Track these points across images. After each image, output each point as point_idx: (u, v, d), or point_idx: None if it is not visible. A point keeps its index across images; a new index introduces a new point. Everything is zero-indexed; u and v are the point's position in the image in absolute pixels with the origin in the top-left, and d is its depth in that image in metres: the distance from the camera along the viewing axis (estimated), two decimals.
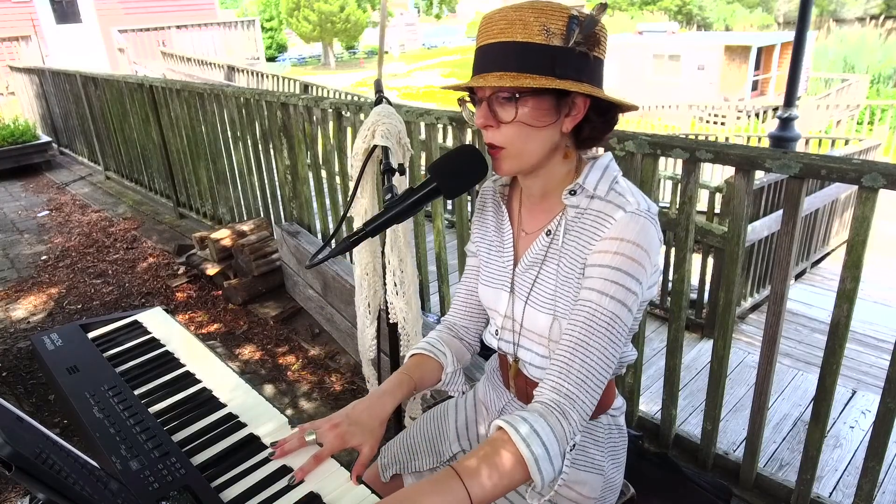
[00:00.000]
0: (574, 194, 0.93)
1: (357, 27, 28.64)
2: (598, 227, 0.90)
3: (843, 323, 1.48)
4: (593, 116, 0.89)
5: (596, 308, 0.86)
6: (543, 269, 0.97)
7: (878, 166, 1.35)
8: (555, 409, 0.83)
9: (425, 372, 1.09)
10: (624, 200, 0.89)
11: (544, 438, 0.79)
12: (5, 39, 10.60)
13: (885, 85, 19.20)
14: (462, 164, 1.01)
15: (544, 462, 0.78)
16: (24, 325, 3.39)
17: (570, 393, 0.84)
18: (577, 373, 0.85)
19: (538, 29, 0.82)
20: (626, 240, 0.87)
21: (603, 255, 0.88)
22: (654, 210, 0.90)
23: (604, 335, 0.86)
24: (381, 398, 1.01)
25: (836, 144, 7.38)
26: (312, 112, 3.02)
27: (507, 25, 0.84)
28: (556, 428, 0.81)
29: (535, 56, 0.83)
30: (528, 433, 0.79)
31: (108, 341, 1.28)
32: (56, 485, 0.64)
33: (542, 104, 0.86)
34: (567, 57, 0.83)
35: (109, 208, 5.48)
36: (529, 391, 1.04)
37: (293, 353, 2.99)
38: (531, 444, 0.78)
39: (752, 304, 3.85)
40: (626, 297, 0.86)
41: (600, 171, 0.93)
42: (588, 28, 0.83)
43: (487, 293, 1.08)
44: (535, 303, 0.97)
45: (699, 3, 33.97)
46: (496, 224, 1.08)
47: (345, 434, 0.95)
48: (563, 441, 0.81)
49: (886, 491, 2.02)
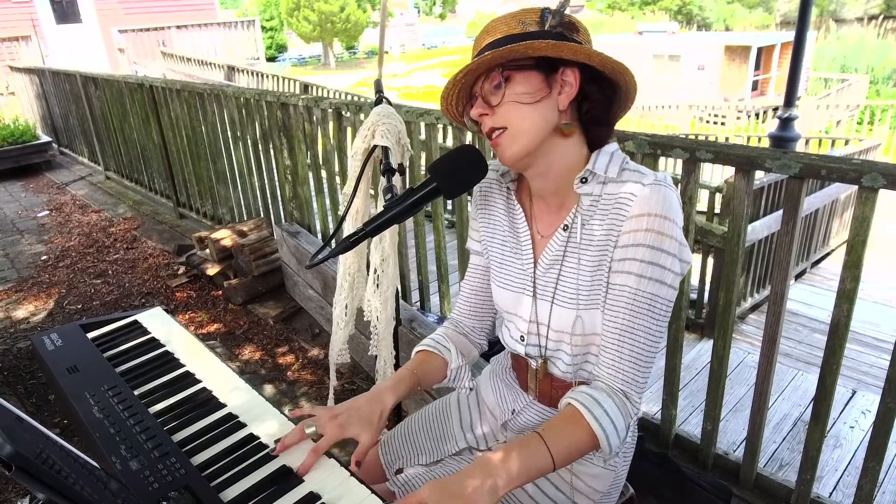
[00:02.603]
0: (586, 182, 0.93)
1: (357, 27, 28.63)
2: (620, 209, 0.90)
3: (843, 323, 1.48)
4: (590, 90, 0.90)
5: (636, 291, 0.89)
6: (565, 265, 0.97)
7: (878, 166, 1.35)
8: (618, 392, 0.92)
9: (429, 368, 1.10)
10: (639, 175, 0.90)
11: (612, 416, 0.89)
12: (5, 39, 10.61)
13: (884, 85, 19.20)
14: (462, 164, 1.01)
15: (613, 436, 0.89)
16: (24, 325, 3.39)
17: (626, 378, 0.92)
18: (629, 357, 0.91)
19: (515, 24, 0.90)
20: (653, 214, 0.87)
21: (633, 234, 0.88)
22: (670, 179, 0.90)
23: (648, 316, 0.90)
24: (381, 393, 1.02)
25: (836, 144, 7.38)
26: (312, 112, 3.02)
27: (486, 34, 0.93)
28: (621, 407, 0.90)
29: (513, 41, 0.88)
30: (600, 413, 0.88)
31: (108, 341, 1.28)
32: (56, 485, 0.64)
33: (531, 80, 0.88)
34: (546, 37, 0.87)
35: (109, 208, 5.48)
36: (555, 392, 1.05)
37: (293, 353, 2.99)
38: (602, 422, 0.88)
39: (752, 304, 3.85)
40: (662, 274, 0.88)
41: (608, 155, 0.93)
42: (559, 14, 0.88)
43: (505, 296, 1.06)
44: (561, 301, 0.97)
45: (699, 3, 33.96)
46: (510, 223, 1.06)
47: (344, 423, 0.96)
48: (627, 417, 0.91)
49: (886, 491, 2.02)
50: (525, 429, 1.10)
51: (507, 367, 1.17)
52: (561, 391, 1.03)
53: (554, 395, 1.05)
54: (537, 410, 1.08)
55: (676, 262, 0.88)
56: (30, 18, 12.42)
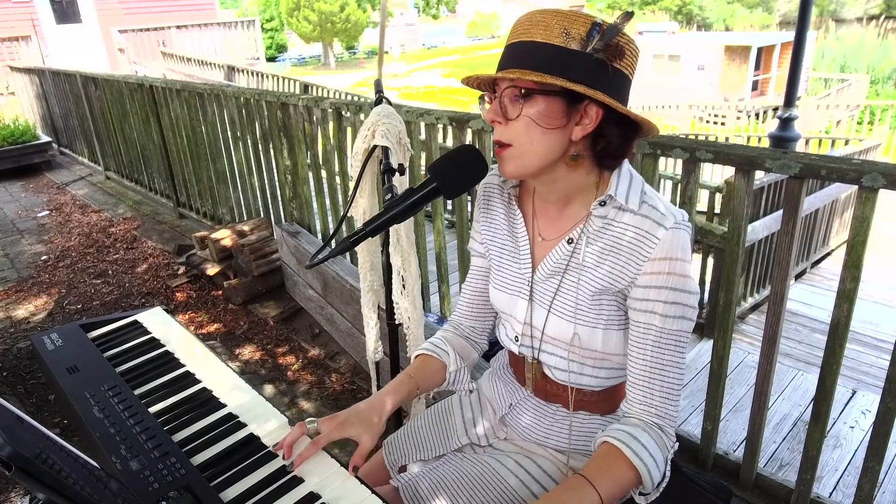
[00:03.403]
0: (603, 205, 0.93)
1: (357, 27, 28.65)
2: (641, 247, 0.90)
3: (843, 323, 1.48)
4: (609, 130, 0.87)
5: (662, 330, 0.91)
6: (565, 279, 0.97)
7: (878, 166, 1.35)
8: (653, 426, 0.93)
9: (429, 372, 1.10)
10: (660, 215, 0.89)
11: (651, 451, 0.89)
12: (5, 39, 10.60)
13: (884, 85, 19.20)
14: (462, 164, 1.01)
15: (654, 470, 0.89)
16: (24, 325, 3.39)
17: (660, 412, 0.93)
18: (661, 392, 0.93)
19: (558, 31, 0.83)
20: (675, 258, 0.89)
21: (655, 276, 0.89)
22: (687, 217, 0.91)
23: (674, 351, 0.92)
24: (381, 397, 1.04)
25: (836, 144, 7.38)
26: (312, 112, 3.02)
27: (530, 26, 0.85)
28: (658, 441, 0.91)
29: (550, 56, 0.83)
30: (639, 448, 0.89)
31: (108, 341, 1.28)
32: (56, 485, 0.64)
33: (553, 105, 0.85)
34: (583, 62, 0.83)
35: (109, 208, 5.48)
36: (549, 389, 1.06)
37: (293, 353, 2.99)
38: (642, 457, 0.88)
39: (752, 304, 3.85)
40: (685, 312, 0.91)
41: (627, 180, 0.92)
42: (609, 36, 0.82)
43: (501, 297, 1.07)
44: (558, 311, 0.98)
45: (699, 3, 33.96)
46: (509, 227, 1.06)
47: (344, 423, 0.97)
48: (664, 450, 0.91)
49: (886, 491, 2.02)
50: (521, 423, 1.10)
51: (504, 364, 1.18)
52: (556, 388, 1.04)
53: (549, 390, 1.06)
54: (533, 404, 1.09)
55: (693, 298, 0.92)
56: (30, 18, 12.42)
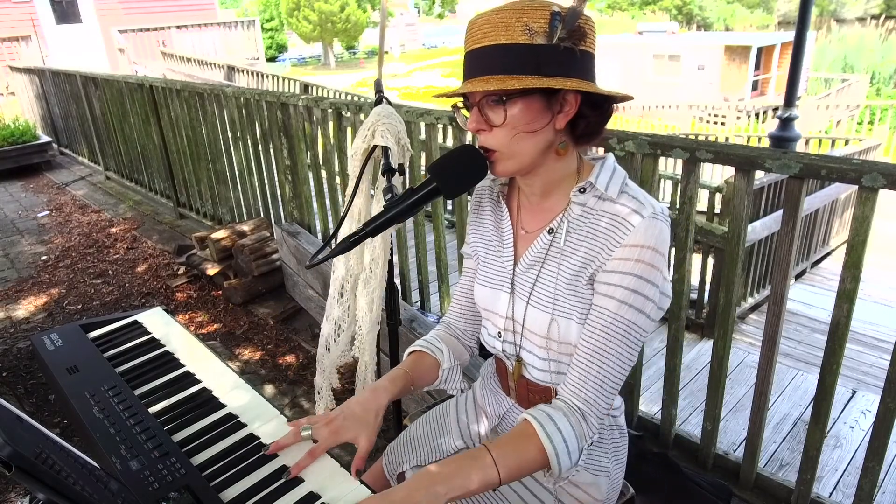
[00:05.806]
0: (583, 192, 0.93)
1: (357, 27, 28.64)
2: (615, 233, 0.89)
3: (843, 323, 1.48)
4: (587, 111, 0.89)
5: (614, 316, 0.89)
6: (545, 269, 0.97)
7: (878, 166, 1.35)
8: (576, 412, 0.90)
9: (422, 368, 1.10)
10: (638, 204, 0.89)
11: (565, 435, 0.87)
12: (5, 39, 10.60)
13: (885, 85, 19.20)
14: (462, 164, 1.00)
15: (563, 456, 0.86)
16: (24, 325, 3.39)
17: (588, 398, 0.90)
18: (595, 379, 0.90)
19: (521, 29, 0.82)
20: (647, 246, 0.87)
21: (623, 262, 0.88)
22: (667, 211, 0.91)
23: (621, 342, 0.89)
24: (374, 392, 1.02)
25: (836, 144, 7.38)
26: (312, 112, 3.02)
27: (490, 29, 0.84)
28: (576, 428, 0.89)
29: (519, 56, 0.83)
30: (553, 430, 0.87)
31: (108, 341, 1.28)
32: (56, 485, 0.64)
33: (533, 104, 0.86)
34: (552, 54, 0.83)
35: (109, 208, 5.47)
36: (531, 396, 1.05)
37: (293, 353, 2.99)
38: (553, 440, 0.86)
39: (752, 304, 3.85)
40: (644, 304, 0.88)
41: (609, 171, 0.93)
42: (570, 23, 0.82)
43: (485, 293, 1.07)
44: (536, 302, 0.97)
45: (699, 3, 33.96)
46: (495, 223, 1.07)
47: (339, 428, 0.95)
48: (581, 439, 0.89)
49: (886, 491, 2.02)
50: None
51: (492, 373, 1.18)
52: (537, 395, 1.04)
53: (531, 398, 1.05)
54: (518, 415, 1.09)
55: (658, 295, 0.89)
56: (30, 18, 12.42)
